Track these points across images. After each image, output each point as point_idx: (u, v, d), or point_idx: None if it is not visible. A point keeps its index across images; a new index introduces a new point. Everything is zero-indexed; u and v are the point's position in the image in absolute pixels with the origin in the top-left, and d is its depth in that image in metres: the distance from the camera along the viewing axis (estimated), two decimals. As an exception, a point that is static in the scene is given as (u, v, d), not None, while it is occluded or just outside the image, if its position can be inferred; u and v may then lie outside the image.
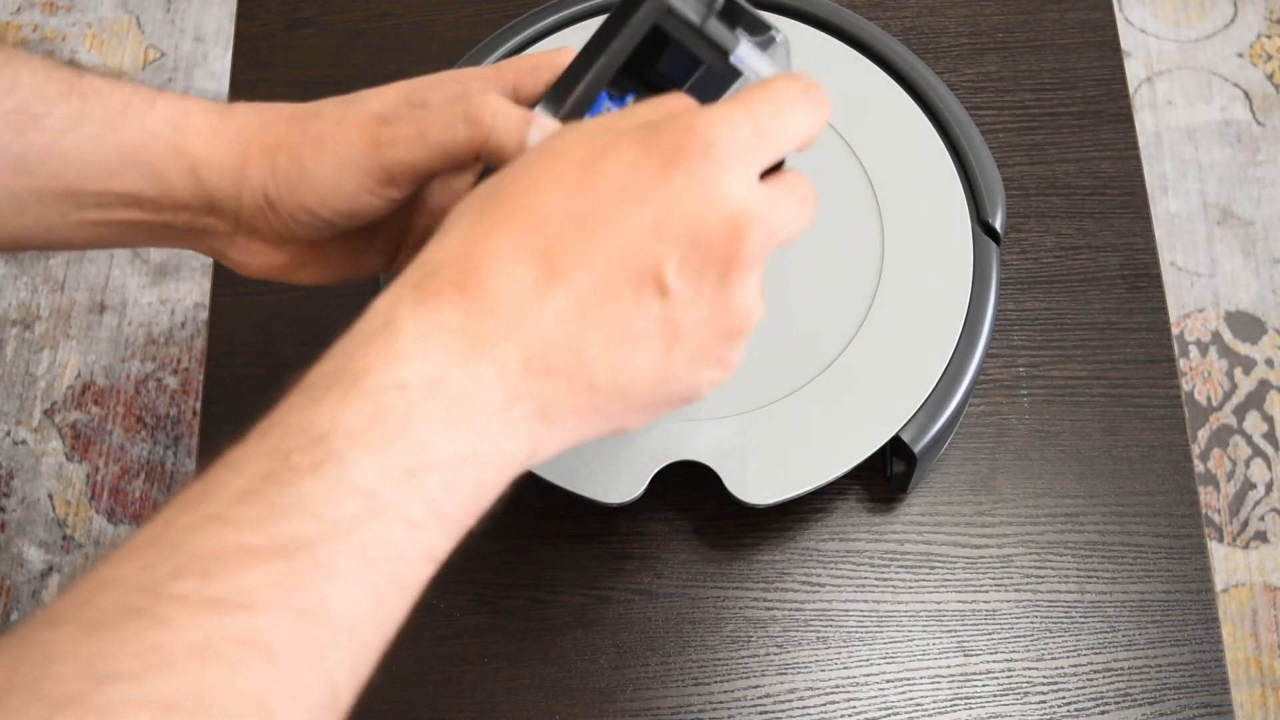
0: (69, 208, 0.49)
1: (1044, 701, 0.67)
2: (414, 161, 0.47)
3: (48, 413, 1.49)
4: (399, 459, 0.38)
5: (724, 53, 0.48)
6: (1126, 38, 1.59)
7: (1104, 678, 0.67)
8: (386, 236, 0.53)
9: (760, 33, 0.49)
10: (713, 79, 0.49)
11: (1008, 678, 0.67)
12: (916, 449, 0.65)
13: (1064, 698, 0.67)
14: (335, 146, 0.48)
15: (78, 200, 0.49)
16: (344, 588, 0.37)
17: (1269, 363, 1.45)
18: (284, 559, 0.36)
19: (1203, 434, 1.42)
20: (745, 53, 0.49)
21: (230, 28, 1.64)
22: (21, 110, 0.47)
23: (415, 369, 0.38)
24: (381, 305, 0.40)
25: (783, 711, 0.67)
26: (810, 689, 0.67)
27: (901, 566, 0.70)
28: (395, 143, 0.47)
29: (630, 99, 0.49)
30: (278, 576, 0.35)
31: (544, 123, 0.47)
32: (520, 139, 0.46)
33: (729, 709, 0.67)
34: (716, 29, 0.48)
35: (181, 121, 0.49)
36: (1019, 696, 0.67)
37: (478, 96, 0.47)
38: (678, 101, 0.44)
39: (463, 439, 0.39)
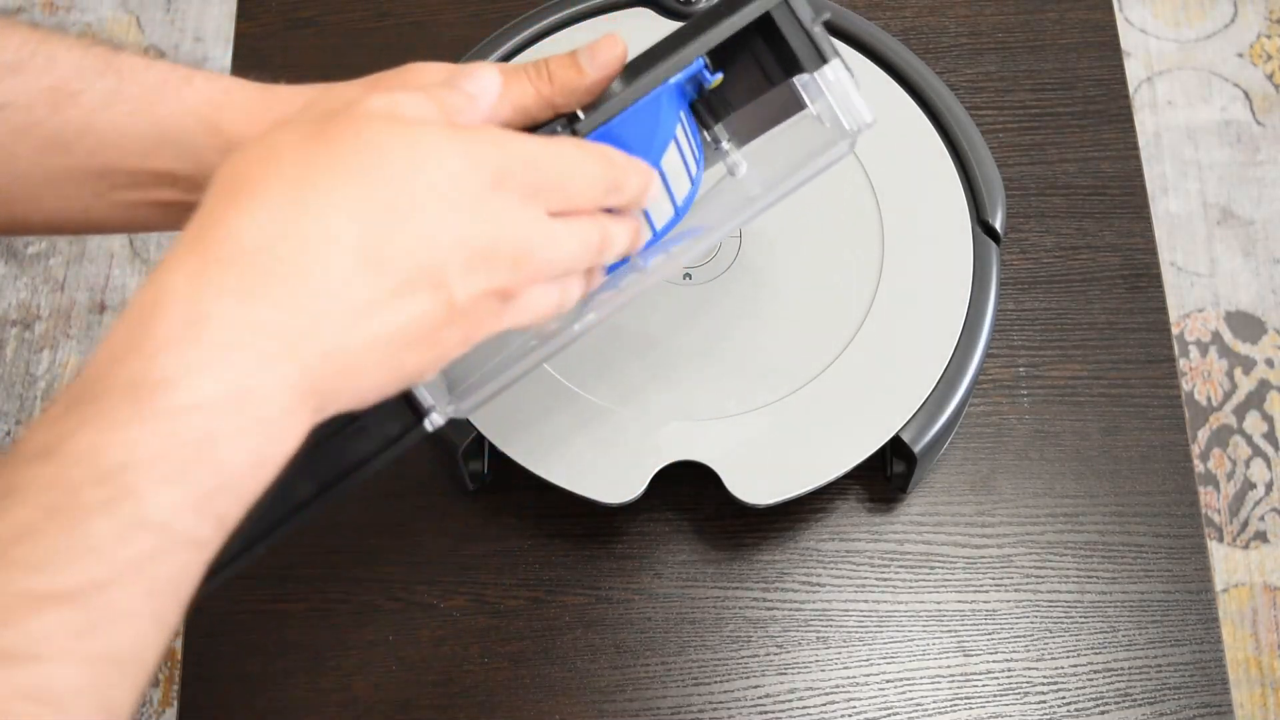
0: (104, 187, 0.48)
1: (1044, 701, 0.67)
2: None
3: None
4: (197, 487, 0.36)
5: (821, 60, 0.50)
6: (1126, 38, 1.59)
7: (1104, 678, 0.67)
8: None
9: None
10: (776, 101, 0.52)
11: (1008, 678, 0.67)
12: (916, 449, 0.65)
13: (1064, 698, 0.67)
14: None
15: (113, 179, 0.48)
16: (133, 625, 0.35)
17: (1269, 363, 1.45)
18: (72, 605, 0.34)
19: (1203, 434, 1.42)
20: (835, 72, 0.51)
21: (230, 28, 1.64)
22: (58, 88, 0.46)
23: (219, 382, 0.36)
24: (181, 288, 0.37)
25: (783, 711, 0.67)
26: (810, 689, 0.67)
27: (901, 566, 0.70)
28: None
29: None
30: (66, 624, 0.33)
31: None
32: (584, 83, 0.48)
33: (729, 709, 0.67)
34: (821, 36, 0.50)
35: (219, 99, 0.48)
36: (1019, 696, 0.67)
37: (542, 60, 0.49)
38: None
39: (256, 448, 0.37)
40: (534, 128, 0.49)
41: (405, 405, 0.47)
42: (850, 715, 0.67)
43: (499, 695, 0.68)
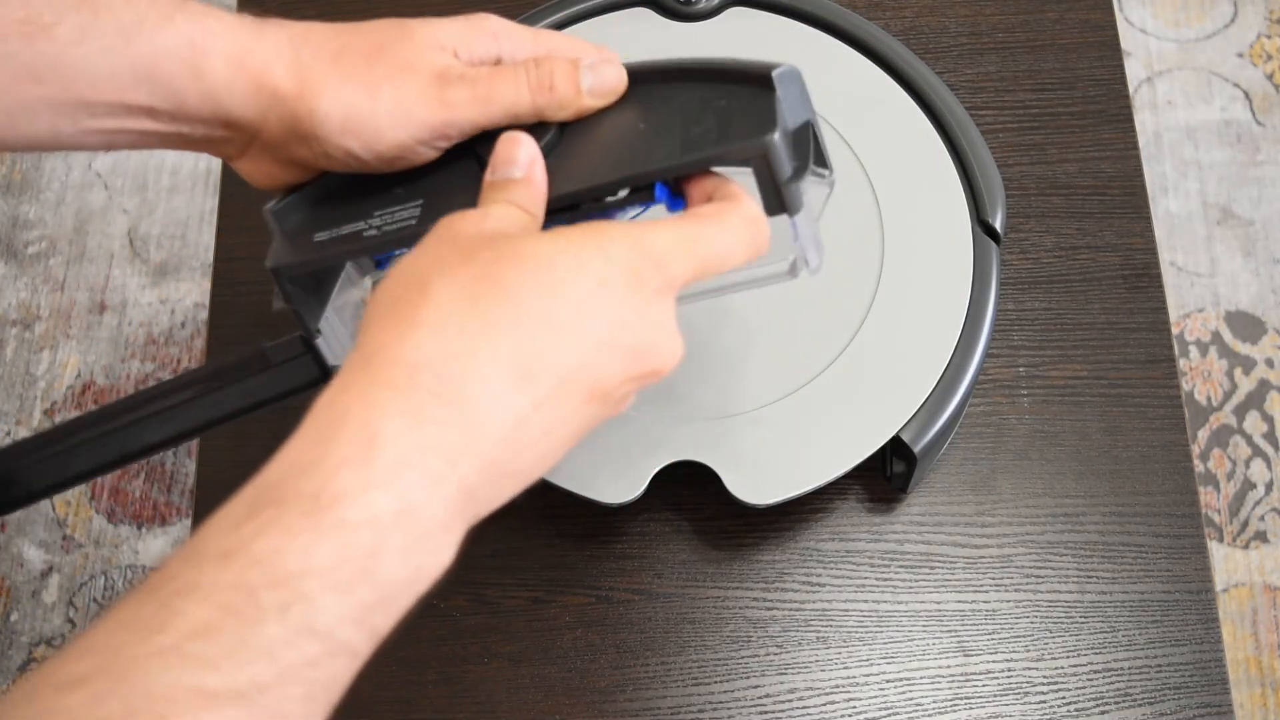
0: (81, 115, 0.48)
1: (1044, 701, 0.67)
2: (477, 120, 0.49)
3: (48, 413, 1.49)
4: (360, 598, 0.38)
5: (782, 210, 0.48)
6: (1126, 38, 1.59)
7: (1104, 678, 0.67)
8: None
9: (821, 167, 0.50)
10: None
11: (1008, 678, 0.67)
12: (916, 449, 0.65)
13: (1064, 698, 0.67)
14: (396, 99, 0.48)
15: (90, 109, 0.48)
16: None
17: (1269, 363, 1.45)
18: (239, 703, 0.35)
19: (1203, 434, 1.42)
20: (800, 223, 0.49)
21: (230, 28, 1.64)
22: (32, 20, 0.46)
23: (390, 498, 0.38)
24: (355, 410, 0.39)
25: (783, 711, 0.67)
26: (810, 689, 0.67)
27: (901, 566, 0.70)
28: (461, 105, 0.48)
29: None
30: None
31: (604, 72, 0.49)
32: (580, 106, 0.49)
33: (729, 709, 0.67)
34: (794, 192, 0.47)
35: (202, 42, 0.48)
36: (1019, 696, 0.67)
37: (546, 61, 0.49)
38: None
39: (415, 562, 0.39)
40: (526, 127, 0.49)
41: (313, 362, 0.52)
42: (850, 715, 0.67)
43: (499, 695, 0.68)
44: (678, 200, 0.48)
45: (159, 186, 1.60)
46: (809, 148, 0.49)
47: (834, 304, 0.68)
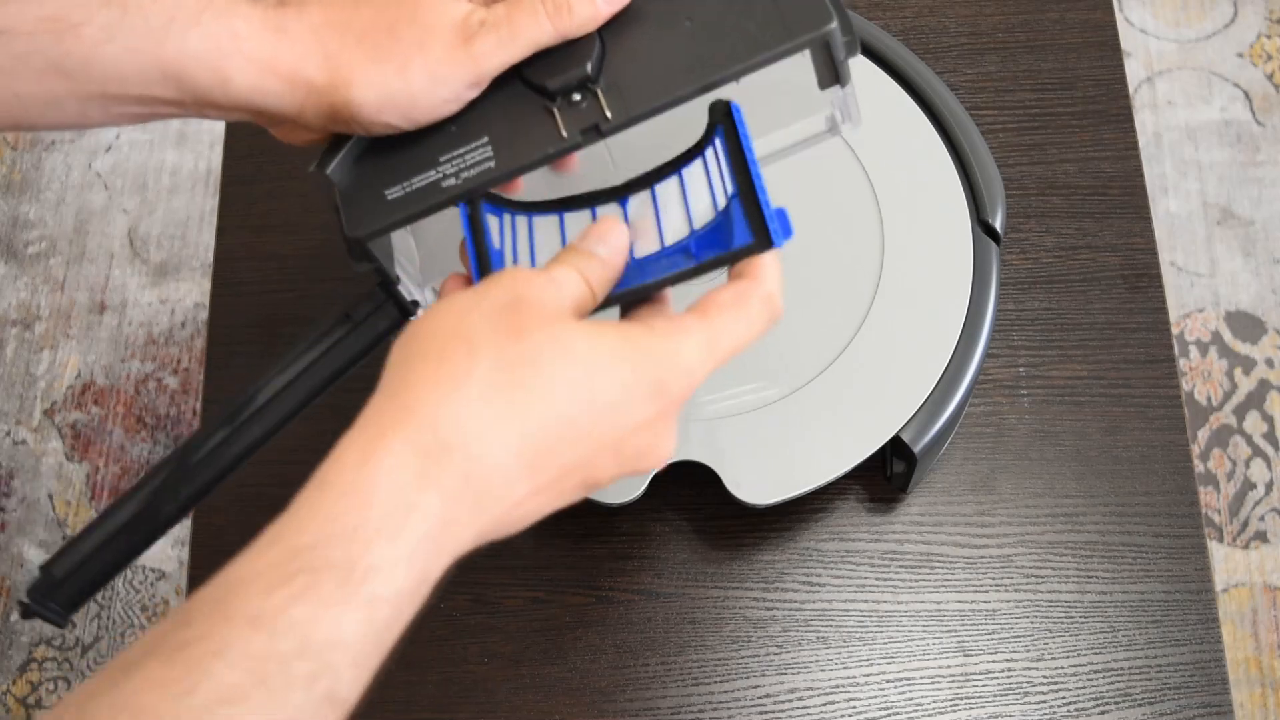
0: (110, 105, 0.49)
1: (1044, 701, 0.67)
2: (508, 61, 0.49)
3: (48, 413, 1.49)
4: (372, 665, 0.40)
5: (835, 83, 0.51)
6: (1126, 38, 1.59)
7: (1104, 678, 0.67)
8: None
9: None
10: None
11: (1008, 678, 0.67)
12: (916, 449, 0.65)
13: (1064, 698, 0.67)
14: (427, 70, 0.48)
15: (119, 101, 0.49)
16: None
17: (1269, 363, 1.45)
18: None
19: (1203, 434, 1.42)
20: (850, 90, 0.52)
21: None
22: (59, 18, 0.47)
23: (413, 574, 0.40)
24: (395, 474, 0.40)
25: (783, 711, 0.67)
26: (810, 689, 0.67)
27: (901, 566, 0.70)
28: (488, 53, 0.49)
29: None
30: None
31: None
32: (602, 19, 0.50)
33: (729, 709, 0.67)
34: (848, 66, 0.50)
35: (229, 46, 0.48)
36: (1019, 696, 0.67)
37: None
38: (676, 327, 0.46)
39: (405, 621, 0.41)
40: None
41: (393, 305, 0.52)
42: (850, 715, 0.67)
43: (499, 695, 0.68)
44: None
45: (159, 186, 1.60)
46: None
47: (834, 304, 0.68)
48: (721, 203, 0.49)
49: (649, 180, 0.50)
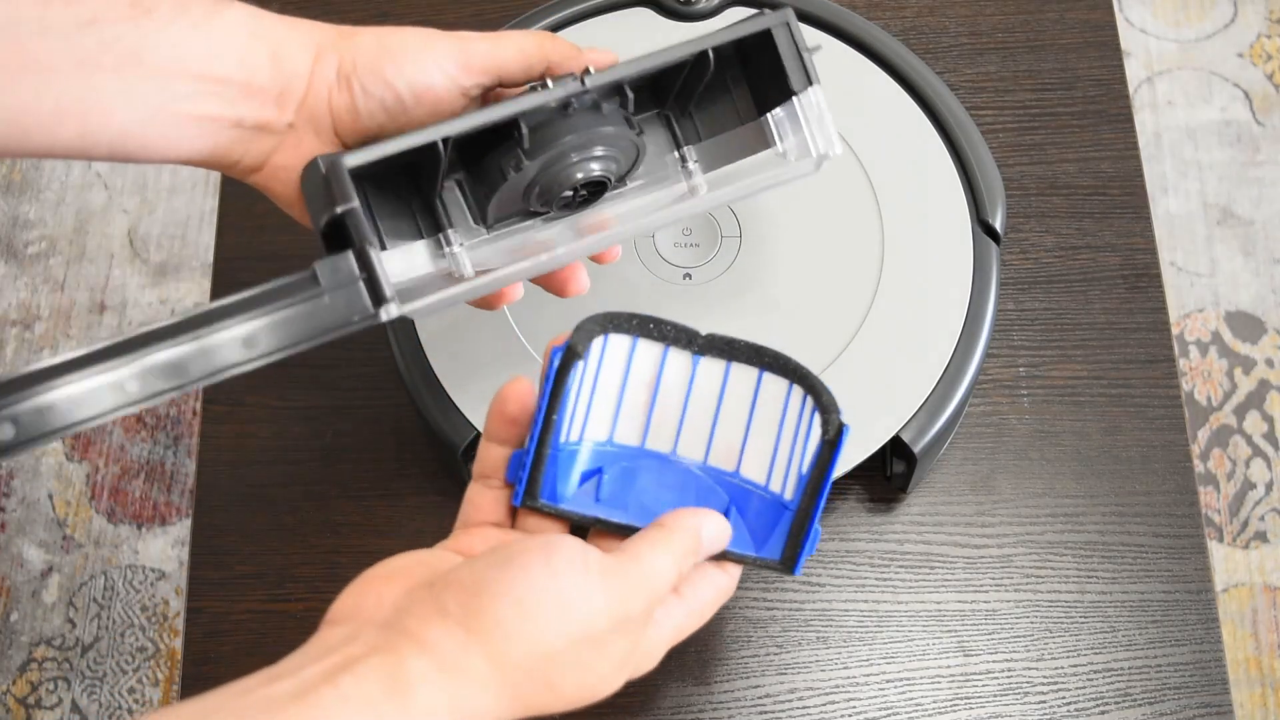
0: (168, 99, 0.50)
1: (1044, 701, 0.67)
2: (493, 52, 0.53)
3: (48, 413, 1.49)
4: None
5: (808, 84, 0.56)
6: (1126, 38, 1.59)
7: (1104, 678, 0.67)
8: None
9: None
10: (747, 136, 0.60)
11: (1008, 678, 0.67)
12: (916, 449, 0.65)
13: (1064, 698, 0.67)
14: (420, 33, 0.53)
15: (176, 89, 0.50)
16: None
17: (1269, 363, 1.45)
18: None
19: (1203, 434, 1.42)
20: (817, 95, 0.57)
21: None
22: (137, 4, 0.49)
23: None
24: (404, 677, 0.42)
25: (783, 711, 0.67)
26: (810, 689, 0.67)
27: (901, 566, 0.70)
28: (478, 39, 0.53)
29: None
30: None
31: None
32: (582, 60, 0.54)
33: (729, 709, 0.67)
34: (812, 61, 0.56)
35: (254, 25, 0.52)
36: (1019, 696, 0.67)
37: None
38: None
39: None
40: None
41: (370, 296, 0.48)
42: (850, 715, 0.67)
43: (499, 695, 0.67)
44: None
45: (159, 186, 1.60)
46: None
47: (833, 304, 0.68)
48: (776, 487, 0.53)
49: (730, 352, 0.54)
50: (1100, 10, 0.82)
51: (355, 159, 0.49)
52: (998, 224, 0.70)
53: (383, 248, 0.54)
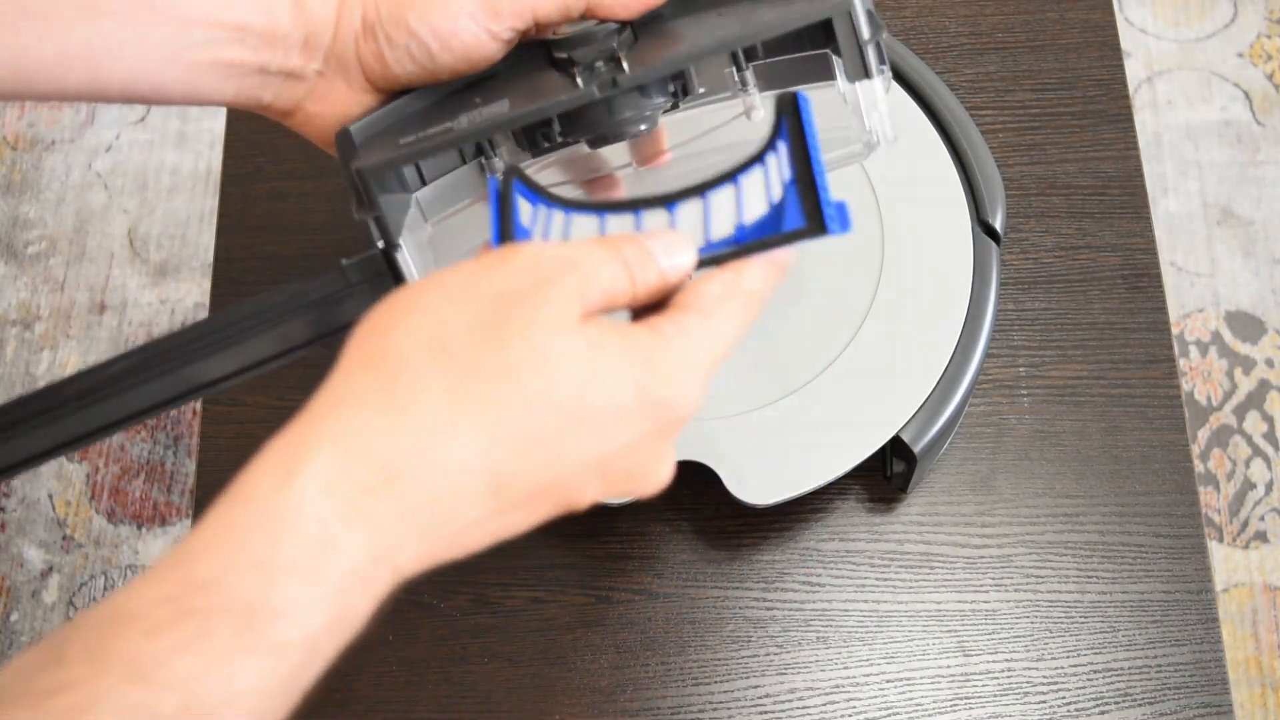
0: (182, 45, 0.49)
1: (1044, 701, 0.67)
2: (537, 10, 0.49)
3: (48, 413, 1.49)
4: (279, 713, 0.35)
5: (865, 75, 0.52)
6: (1126, 38, 1.59)
7: (1104, 678, 0.67)
8: None
9: None
10: (809, 65, 0.54)
11: (1008, 678, 0.67)
12: (916, 449, 0.65)
13: (1064, 698, 0.67)
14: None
15: (190, 35, 0.49)
16: None
17: (1269, 363, 1.45)
18: None
19: (1203, 434, 1.42)
20: (880, 87, 0.52)
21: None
22: None
23: (329, 612, 0.35)
24: (318, 503, 0.35)
25: (783, 711, 0.67)
26: (810, 689, 0.67)
27: (901, 566, 0.70)
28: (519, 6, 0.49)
29: None
30: None
31: None
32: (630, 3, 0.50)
33: (729, 709, 0.67)
34: (877, 50, 0.51)
35: None
36: (1019, 696, 0.67)
37: None
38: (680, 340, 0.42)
39: (324, 660, 0.36)
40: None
41: (391, 278, 0.49)
42: (850, 715, 0.67)
43: (499, 695, 0.68)
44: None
45: (159, 186, 1.60)
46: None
47: (834, 304, 0.68)
48: (777, 195, 0.46)
49: (702, 188, 0.48)
50: (1100, 10, 0.82)
51: (381, 165, 0.49)
52: (998, 224, 0.70)
53: (423, 183, 0.54)
